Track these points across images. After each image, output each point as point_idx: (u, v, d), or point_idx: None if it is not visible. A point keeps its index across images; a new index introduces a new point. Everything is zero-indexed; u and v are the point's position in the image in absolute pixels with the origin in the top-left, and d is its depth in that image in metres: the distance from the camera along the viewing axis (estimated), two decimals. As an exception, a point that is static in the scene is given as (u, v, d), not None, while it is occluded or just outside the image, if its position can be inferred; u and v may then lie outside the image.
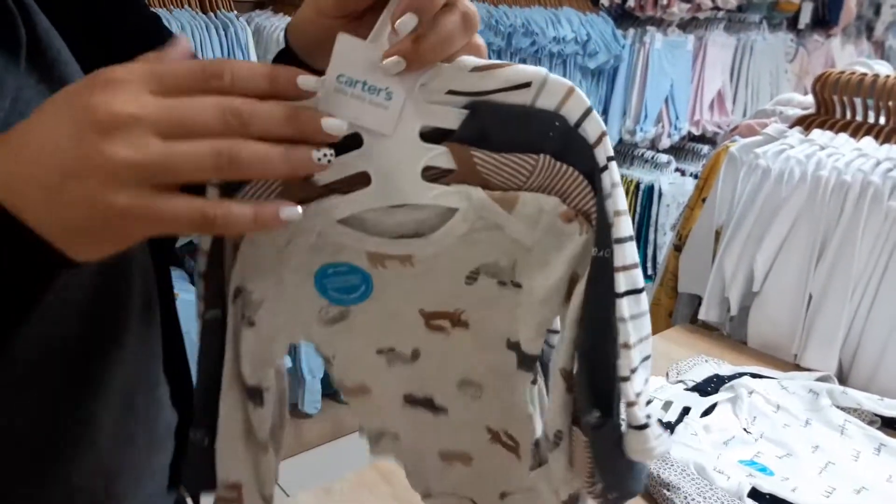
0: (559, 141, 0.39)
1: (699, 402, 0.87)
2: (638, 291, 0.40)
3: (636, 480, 0.43)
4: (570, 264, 0.42)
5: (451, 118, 0.39)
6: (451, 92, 0.39)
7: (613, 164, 0.39)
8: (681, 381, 0.93)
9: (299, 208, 0.36)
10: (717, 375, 0.93)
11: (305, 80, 0.36)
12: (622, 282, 0.38)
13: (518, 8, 2.35)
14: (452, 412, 0.51)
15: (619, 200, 0.39)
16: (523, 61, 2.37)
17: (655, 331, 1.16)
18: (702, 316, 1.12)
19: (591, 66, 2.52)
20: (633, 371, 0.39)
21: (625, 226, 0.38)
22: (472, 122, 0.39)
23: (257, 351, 0.45)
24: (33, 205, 0.32)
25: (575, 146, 0.38)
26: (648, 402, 0.79)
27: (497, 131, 0.39)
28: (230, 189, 0.39)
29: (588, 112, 0.38)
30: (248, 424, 0.46)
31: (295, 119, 0.35)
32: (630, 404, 0.39)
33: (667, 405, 0.87)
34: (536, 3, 2.42)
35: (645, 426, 0.39)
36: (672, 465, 0.74)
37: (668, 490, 0.72)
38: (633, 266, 0.39)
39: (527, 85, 0.38)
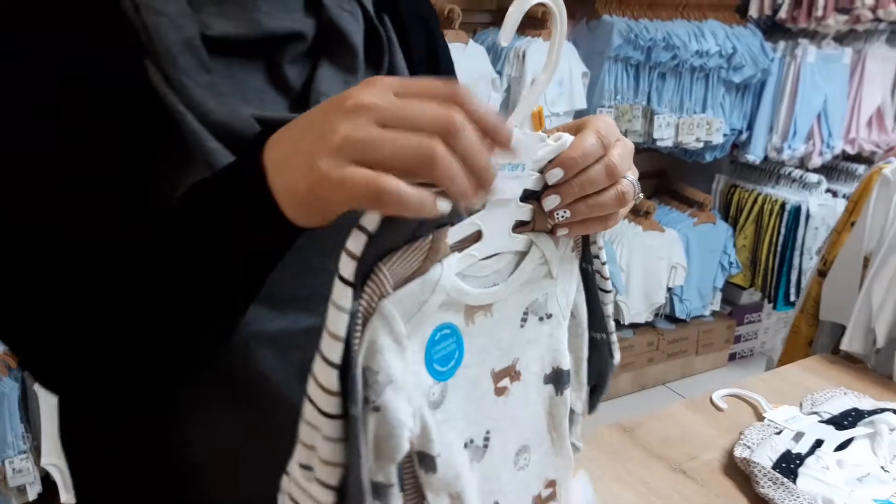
0: None
1: (833, 436, 0.83)
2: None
3: None
4: (577, 285, 0.52)
5: (538, 182, 0.47)
6: (536, 162, 0.46)
7: None
8: (815, 413, 0.88)
9: (450, 202, 0.38)
10: (856, 409, 0.88)
11: (517, 142, 0.40)
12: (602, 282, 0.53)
13: (659, 21, 2.31)
14: (507, 502, 0.52)
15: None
16: (663, 75, 2.33)
17: (793, 359, 1.12)
18: (844, 346, 1.06)
19: (735, 80, 2.42)
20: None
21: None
22: (540, 180, 0.46)
23: (381, 439, 0.41)
24: (278, 169, 0.40)
25: None
26: (778, 433, 0.77)
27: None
28: (380, 247, 0.40)
29: None
30: None
31: (485, 160, 0.38)
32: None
33: (798, 436, 0.83)
34: (679, 16, 2.36)
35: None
36: (797, 498, 0.72)
37: (793, 522, 0.69)
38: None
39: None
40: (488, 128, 0.39)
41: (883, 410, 0.87)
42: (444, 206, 0.38)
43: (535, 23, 2.16)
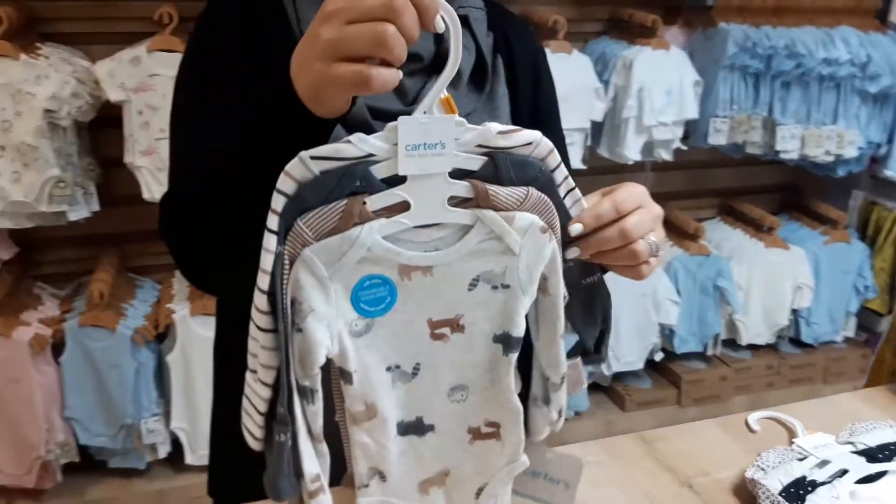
0: (542, 180, 0.59)
1: (861, 467, 0.79)
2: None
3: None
4: (545, 266, 0.59)
5: (474, 163, 0.57)
6: (478, 146, 0.56)
7: (572, 192, 0.62)
8: (850, 443, 0.85)
9: (398, 73, 0.53)
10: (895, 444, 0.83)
11: (439, 21, 0.53)
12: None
13: (783, 28, 2.20)
14: (439, 426, 0.61)
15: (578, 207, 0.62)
16: (787, 84, 2.21)
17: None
18: (911, 378, 0.99)
19: (871, 91, 2.25)
20: None
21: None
22: (489, 166, 0.57)
23: (304, 355, 0.54)
24: (296, 78, 0.57)
25: (549, 185, 0.60)
26: (802, 459, 0.77)
27: (505, 172, 0.55)
28: (299, 207, 0.52)
29: (558, 165, 0.60)
30: (306, 422, 0.56)
31: (415, 29, 0.52)
32: None
33: (822, 464, 0.81)
34: (807, 23, 2.23)
35: None
36: (793, 522, 0.70)
37: (781, 545, 0.68)
38: None
39: (529, 144, 0.58)
40: (420, 6, 0.51)
41: (929, 448, 0.82)
42: (394, 78, 0.53)
43: (644, 31, 2.13)
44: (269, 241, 0.52)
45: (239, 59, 0.73)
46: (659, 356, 2.48)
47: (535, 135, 0.58)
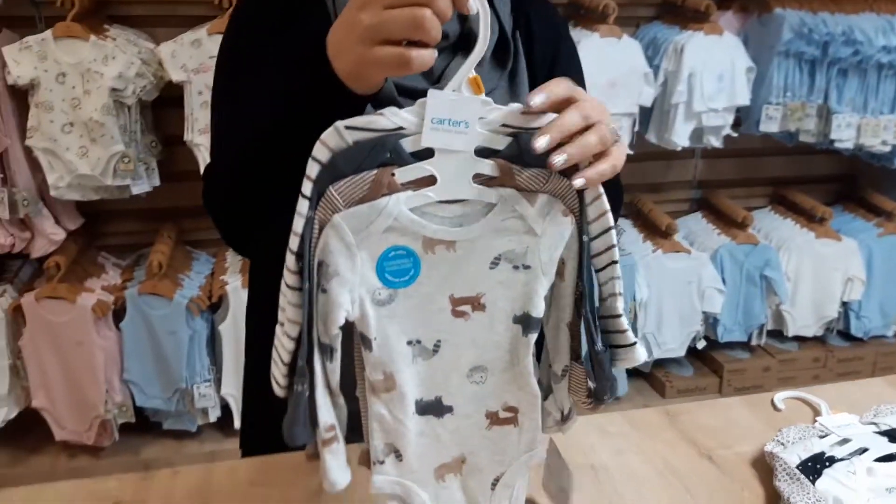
0: None
1: (882, 446, 0.80)
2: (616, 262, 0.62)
3: (621, 382, 0.59)
4: (565, 248, 0.59)
5: (499, 142, 0.58)
6: (503, 125, 0.58)
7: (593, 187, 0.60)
8: (873, 424, 0.85)
9: (434, 53, 0.57)
10: (922, 426, 0.84)
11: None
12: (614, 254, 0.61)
13: (841, 15, 2.15)
14: (458, 408, 0.63)
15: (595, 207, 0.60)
16: (844, 72, 2.16)
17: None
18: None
19: (933, 79, 2.18)
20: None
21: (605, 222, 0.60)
22: (513, 146, 0.58)
23: (325, 314, 0.57)
24: (334, 59, 0.61)
25: (571, 168, 0.58)
26: (823, 437, 0.79)
27: (528, 153, 0.56)
28: (332, 175, 0.55)
29: None
30: (325, 376, 0.59)
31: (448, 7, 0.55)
32: (624, 331, 0.62)
33: (843, 442, 0.82)
34: (868, 10, 2.17)
35: (634, 343, 0.62)
36: (807, 492, 0.72)
37: (793, 514, 0.71)
38: (614, 246, 0.61)
39: None
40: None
41: (955, 432, 0.82)
42: (429, 57, 0.56)
43: (698, 16, 2.11)
44: (302, 206, 0.55)
45: (277, 40, 0.78)
46: (701, 344, 2.47)
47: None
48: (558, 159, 0.56)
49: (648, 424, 0.89)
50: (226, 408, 2.16)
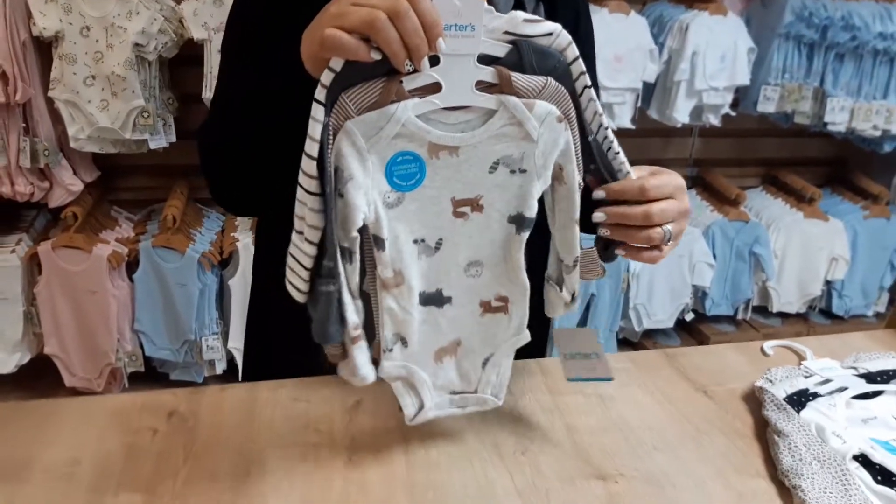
0: (559, 70, 0.64)
1: (860, 386, 0.89)
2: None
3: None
4: (559, 154, 0.66)
5: (500, 50, 0.62)
6: (505, 32, 0.62)
7: (587, 90, 0.66)
8: (853, 368, 0.94)
9: (379, 52, 0.58)
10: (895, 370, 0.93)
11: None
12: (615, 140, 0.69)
13: (842, 1, 2.22)
14: (455, 298, 0.70)
15: (590, 108, 0.67)
16: (841, 56, 2.24)
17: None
18: (919, 321, 1.08)
19: (926, 67, 2.27)
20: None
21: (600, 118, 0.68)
22: (513, 53, 0.62)
23: (343, 217, 0.61)
24: (302, 42, 0.64)
25: (566, 76, 0.65)
26: (807, 377, 0.87)
27: (527, 61, 0.62)
28: (345, 83, 0.60)
29: (577, 57, 0.65)
30: (346, 278, 0.64)
31: (420, 40, 0.58)
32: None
33: (825, 382, 0.91)
34: (867, -4, 2.25)
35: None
36: (792, 419, 0.81)
37: (779, 436, 0.79)
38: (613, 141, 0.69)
39: (550, 34, 0.63)
40: (426, 20, 0.58)
41: (926, 376, 0.91)
42: (374, 54, 0.58)
43: (703, -4, 2.18)
44: (318, 112, 0.59)
45: (278, 12, 0.81)
46: (689, 316, 2.56)
47: (555, 26, 0.63)
48: (602, 231, 0.71)
49: (648, 363, 0.97)
50: (231, 361, 2.23)
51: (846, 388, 0.89)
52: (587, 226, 0.73)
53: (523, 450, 0.78)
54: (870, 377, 0.91)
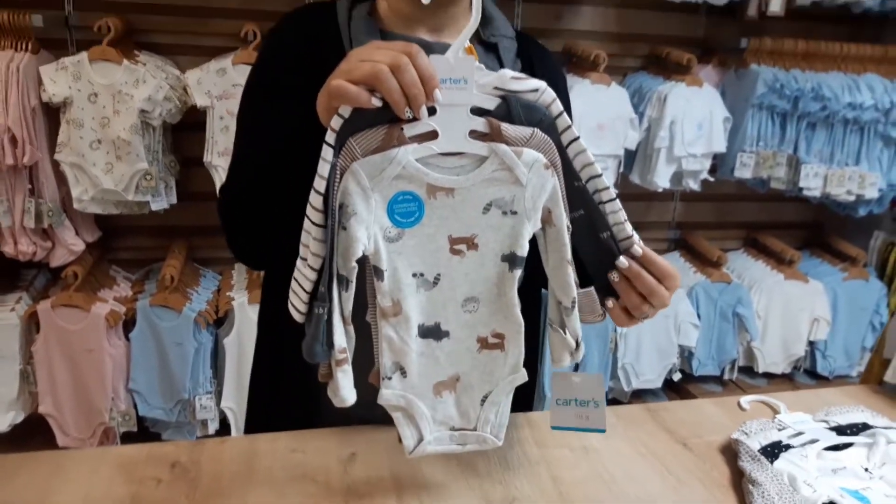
0: (546, 123, 0.72)
1: (831, 438, 0.93)
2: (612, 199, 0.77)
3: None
4: (547, 198, 0.73)
5: (491, 103, 0.71)
6: (495, 88, 0.71)
7: (575, 143, 0.74)
8: (825, 421, 0.99)
9: (380, 100, 0.67)
10: (865, 424, 0.97)
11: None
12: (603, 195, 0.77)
13: (812, 72, 2.35)
14: (453, 332, 0.75)
15: (580, 160, 0.75)
16: (812, 125, 2.36)
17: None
18: (887, 378, 1.13)
19: (894, 135, 2.38)
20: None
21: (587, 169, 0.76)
22: (502, 107, 0.71)
23: (345, 248, 0.68)
24: (318, 98, 0.72)
25: (552, 128, 0.73)
26: (780, 430, 0.91)
27: (516, 113, 0.70)
28: (352, 129, 0.68)
29: (561, 112, 0.73)
30: (340, 304, 0.70)
31: (418, 91, 0.67)
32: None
33: (798, 434, 0.95)
34: (836, 69, 2.38)
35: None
36: (766, 469, 0.85)
37: (753, 486, 0.83)
38: (606, 188, 0.77)
39: (536, 90, 0.72)
40: (423, 74, 0.67)
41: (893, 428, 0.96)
42: (375, 101, 0.67)
43: (680, 69, 2.30)
44: (327, 153, 0.67)
45: (296, 75, 0.89)
46: (677, 376, 2.60)
47: (541, 83, 0.72)
48: (611, 275, 0.78)
49: (631, 417, 1.02)
50: (223, 421, 2.24)
51: (817, 440, 0.93)
52: (584, 279, 0.79)
53: (511, 500, 0.82)
54: (840, 430, 0.96)
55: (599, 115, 2.20)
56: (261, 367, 1.09)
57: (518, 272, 0.74)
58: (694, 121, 2.28)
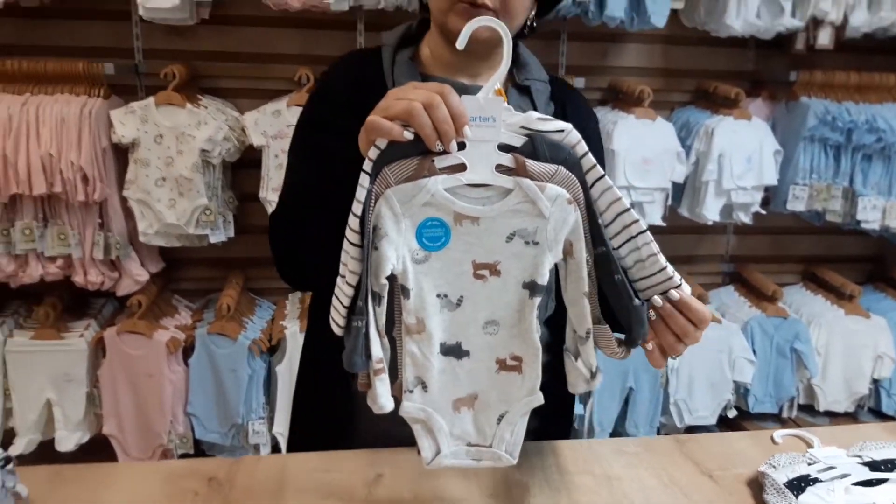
0: (570, 161, 0.77)
1: (862, 473, 0.92)
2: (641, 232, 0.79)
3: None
4: (569, 231, 0.76)
5: (517, 141, 0.76)
6: (522, 127, 0.76)
7: (601, 181, 0.77)
8: (858, 456, 0.97)
9: (412, 132, 0.73)
10: (901, 460, 0.95)
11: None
12: (632, 229, 0.79)
13: (865, 104, 2.30)
14: (473, 352, 0.79)
15: (606, 197, 0.78)
16: (868, 157, 2.31)
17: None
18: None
19: (955, 166, 2.31)
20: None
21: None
22: (528, 145, 0.76)
23: (376, 266, 0.74)
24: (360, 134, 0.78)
25: (576, 167, 0.77)
26: (811, 464, 0.91)
27: (541, 151, 0.75)
28: (387, 159, 0.74)
29: (586, 153, 0.77)
30: (375, 318, 0.75)
31: (449, 127, 0.73)
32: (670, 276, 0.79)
33: (828, 468, 0.94)
34: (891, 99, 2.33)
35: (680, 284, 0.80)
36: (790, 503, 0.84)
37: (775, 518, 0.83)
38: (635, 222, 0.79)
39: (562, 130, 0.76)
40: (454, 111, 0.72)
41: (931, 466, 0.93)
42: (407, 134, 0.73)
43: (728, 102, 2.30)
44: (364, 180, 0.73)
45: (342, 115, 0.95)
46: (732, 413, 2.54)
47: (566, 125, 0.76)
48: (649, 346, 0.81)
49: (660, 448, 1.02)
50: (275, 447, 2.30)
51: (848, 475, 0.92)
52: (609, 316, 0.81)
53: (530, 523, 0.84)
54: (873, 465, 0.94)
55: (645, 149, 2.21)
56: (303, 384, 1.15)
57: (538, 299, 0.78)
58: (743, 153, 2.26)
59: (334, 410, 1.04)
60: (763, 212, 2.40)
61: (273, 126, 2.09)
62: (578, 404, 2.41)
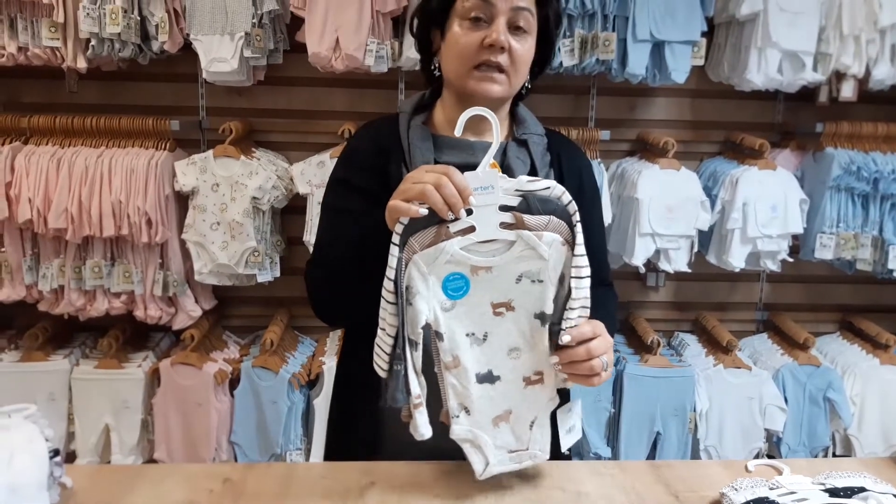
0: (559, 211, 0.95)
1: (821, 498, 0.97)
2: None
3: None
4: (564, 268, 0.95)
5: (514, 201, 0.93)
6: (516, 190, 0.91)
7: (579, 225, 0.94)
8: (822, 483, 1.02)
9: (426, 209, 0.91)
10: (862, 487, 1.00)
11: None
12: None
13: (893, 154, 2.33)
14: (503, 376, 0.94)
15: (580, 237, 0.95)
16: (895, 206, 2.32)
17: None
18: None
19: None
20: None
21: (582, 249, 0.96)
22: (523, 203, 0.92)
23: (412, 319, 0.92)
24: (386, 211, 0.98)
25: (565, 214, 0.95)
26: (772, 489, 0.99)
27: (534, 206, 0.91)
28: (411, 230, 0.90)
29: (570, 200, 0.94)
30: (413, 361, 0.92)
31: (456, 200, 0.91)
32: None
33: (788, 493, 1.00)
34: (919, 151, 2.35)
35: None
36: (739, 520, 0.91)
37: (723, 532, 0.90)
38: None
39: (548, 188, 0.94)
40: (459, 186, 0.90)
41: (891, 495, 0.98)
42: (422, 210, 0.91)
43: (754, 153, 2.37)
44: (394, 250, 0.91)
45: (364, 176, 1.16)
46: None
47: (551, 182, 0.93)
48: (559, 376, 0.98)
49: (635, 471, 1.10)
50: (313, 477, 2.42)
51: (806, 500, 0.97)
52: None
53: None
54: (833, 492, 1.00)
55: (668, 197, 2.30)
56: (337, 400, 1.30)
57: (548, 325, 0.97)
58: (767, 202, 2.31)
59: (364, 425, 1.19)
60: (790, 259, 2.43)
61: (317, 176, 2.28)
62: (606, 447, 2.45)
